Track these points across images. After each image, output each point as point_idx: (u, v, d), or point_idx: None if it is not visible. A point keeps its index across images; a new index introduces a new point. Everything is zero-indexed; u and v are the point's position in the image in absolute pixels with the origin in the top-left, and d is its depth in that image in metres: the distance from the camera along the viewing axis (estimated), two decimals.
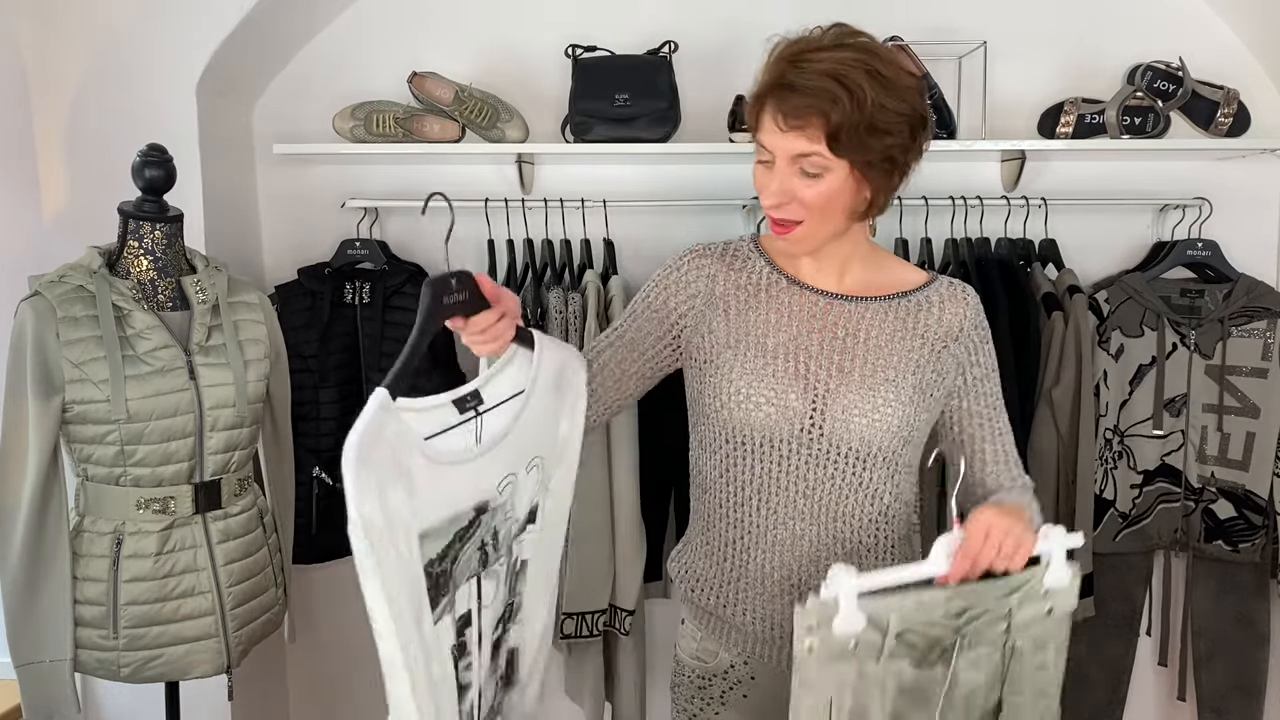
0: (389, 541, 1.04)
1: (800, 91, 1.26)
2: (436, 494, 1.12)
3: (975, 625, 1.18)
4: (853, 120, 1.24)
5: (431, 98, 2.28)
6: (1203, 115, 2.30)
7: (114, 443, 1.70)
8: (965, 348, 1.40)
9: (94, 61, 2.15)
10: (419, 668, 1.07)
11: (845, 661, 1.13)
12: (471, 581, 1.19)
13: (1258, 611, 2.32)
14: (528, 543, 1.32)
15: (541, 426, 1.30)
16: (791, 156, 1.28)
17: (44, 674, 1.72)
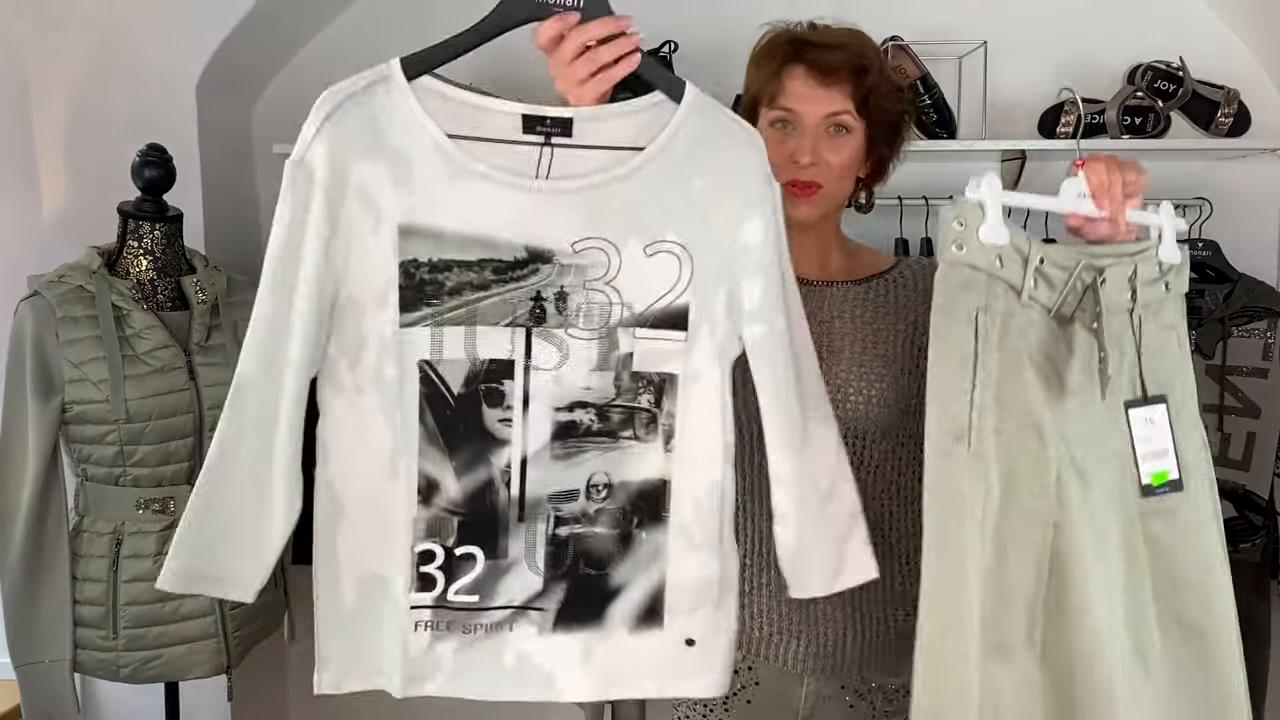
0: (328, 197, 1.02)
1: (834, 49, 1.31)
2: (458, 199, 1.03)
3: (1106, 284, 1.05)
4: (876, 80, 1.31)
5: None
6: (1203, 115, 2.29)
7: (113, 443, 1.70)
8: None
9: (94, 61, 2.15)
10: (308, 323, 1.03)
11: (994, 281, 1.02)
12: (513, 330, 1.07)
13: (1258, 612, 2.32)
14: (663, 349, 1.10)
15: (679, 204, 1.09)
16: (824, 115, 1.31)
17: (43, 674, 1.72)
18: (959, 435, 0.97)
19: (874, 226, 2.29)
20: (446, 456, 1.08)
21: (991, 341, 0.99)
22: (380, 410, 1.07)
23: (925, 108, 2.27)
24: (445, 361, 1.06)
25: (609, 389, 1.10)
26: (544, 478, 1.10)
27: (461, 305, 1.05)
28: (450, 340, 1.06)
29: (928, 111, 2.27)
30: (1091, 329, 1.04)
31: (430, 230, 1.03)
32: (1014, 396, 0.99)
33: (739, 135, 1.11)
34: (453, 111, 1.05)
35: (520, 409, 1.09)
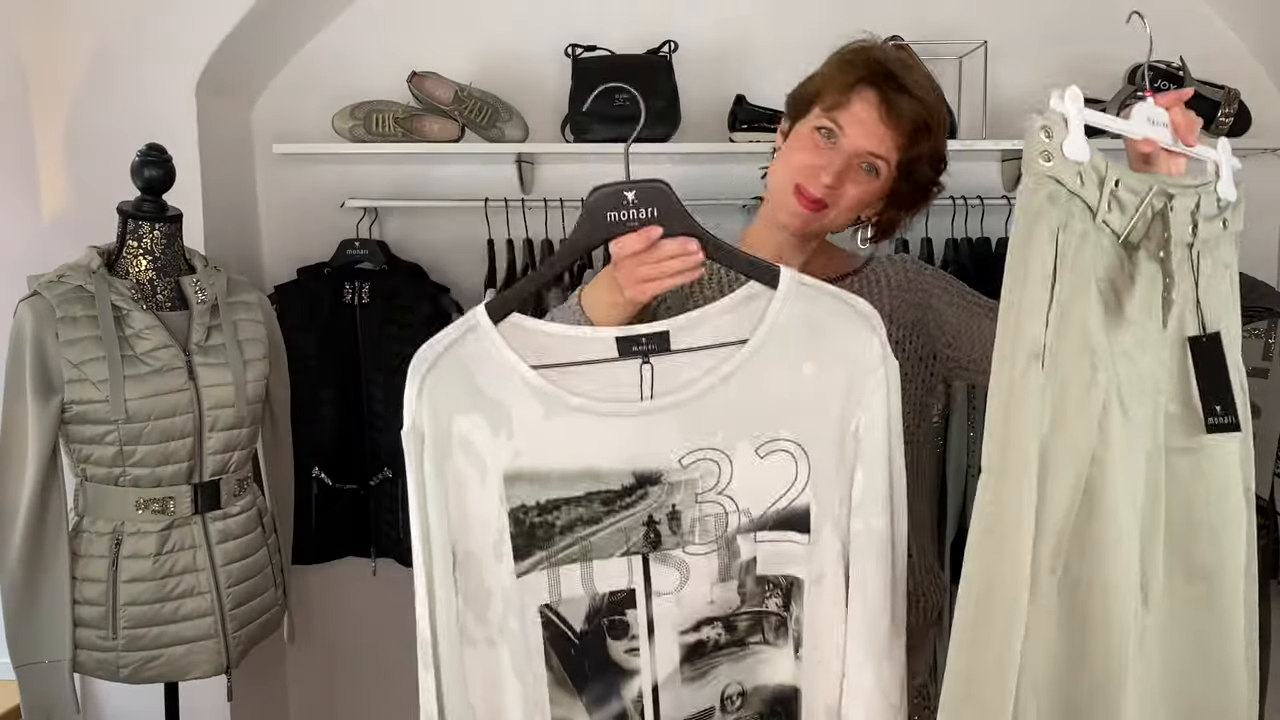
0: (435, 457, 0.99)
1: (912, 98, 1.29)
2: (558, 436, 1.00)
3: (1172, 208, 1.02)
4: (929, 146, 1.30)
5: (431, 97, 2.28)
6: (1203, 115, 2.29)
7: (113, 443, 1.70)
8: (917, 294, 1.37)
9: (94, 61, 2.15)
10: (449, 601, 1.02)
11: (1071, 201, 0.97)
12: (630, 559, 1.04)
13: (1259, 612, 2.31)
14: (787, 552, 1.05)
15: (789, 396, 1.02)
16: (867, 151, 1.29)
17: (43, 674, 1.71)
18: (1035, 353, 0.93)
19: None
20: (576, 697, 1.06)
21: (1067, 261, 0.95)
22: (510, 662, 1.04)
23: None
24: (565, 601, 1.04)
25: (733, 598, 1.06)
26: (678, 700, 1.07)
27: (574, 543, 1.02)
28: (567, 580, 1.03)
29: None
30: (1158, 257, 1.01)
31: (534, 473, 1.00)
32: (1077, 319, 0.95)
33: (845, 312, 1.04)
34: (541, 345, 1.01)
35: (645, 636, 1.05)
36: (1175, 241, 1.02)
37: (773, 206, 1.36)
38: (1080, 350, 0.95)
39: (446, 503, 1.01)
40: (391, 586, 2.56)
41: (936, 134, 1.32)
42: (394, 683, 2.62)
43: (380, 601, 2.57)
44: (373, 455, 2.37)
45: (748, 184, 2.31)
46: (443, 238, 2.47)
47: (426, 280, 2.38)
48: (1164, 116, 1.07)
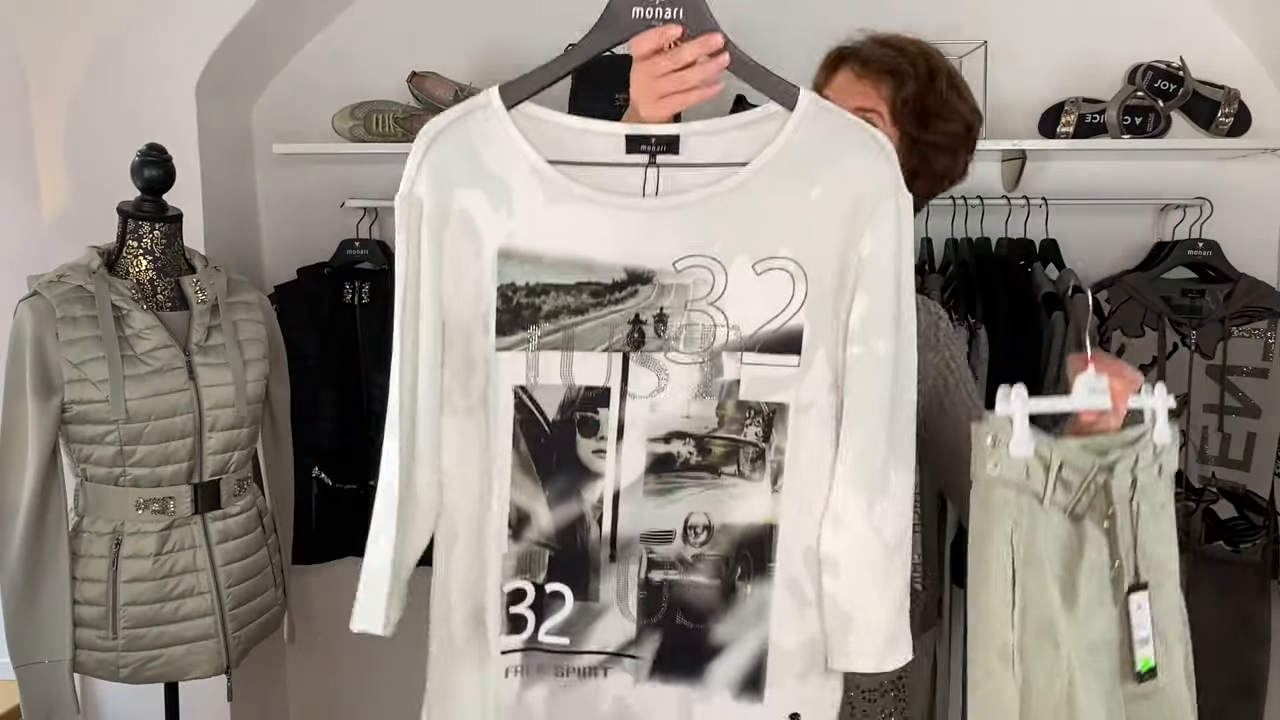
0: (433, 225, 1.00)
1: (885, 47, 1.31)
2: (556, 222, 0.99)
3: (1112, 476, 1.09)
4: (918, 91, 1.28)
5: (431, 97, 2.28)
6: (1203, 115, 2.29)
7: (113, 443, 1.70)
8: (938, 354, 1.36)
9: (94, 61, 2.15)
10: (434, 368, 1.02)
11: (1021, 494, 1.03)
12: (610, 354, 1.02)
13: (1258, 612, 2.31)
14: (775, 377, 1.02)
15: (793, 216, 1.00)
16: (853, 108, 1.24)
17: (43, 674, 1.71)
18: (1006, 656, 1.00)
19: None
20: (540, 487, 1.04)
21: (1021, 558, 1.01)
22: (483, 435, 1.04)
23: None
24: (541, 387, 1.02)
25: (710, 418, 1.02)
26: (637, 514, 1.04)
27: (558, 330, 1.01)
28: (546, 365, 1.02)
29: None
30: (1103, 528, 1.08)
31: (528, 254, 1.00)
32: (1039, 615, 1.02)
33: (861, 139, 1.01)
34: (553, 137, 1.00)
35: (614, 439, 1.03)
36: (1118, 504, 1.08)
37: None
38: (1044, 639, 1.02)
39: (441, 271, 1.01)
40: None
41: (919, 75, 1.28)
42: (394, 683, 2.62)
43: None
44: (373, 455, 2.36)
45: None
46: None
47: None
48: (1104, 383, 1.10)
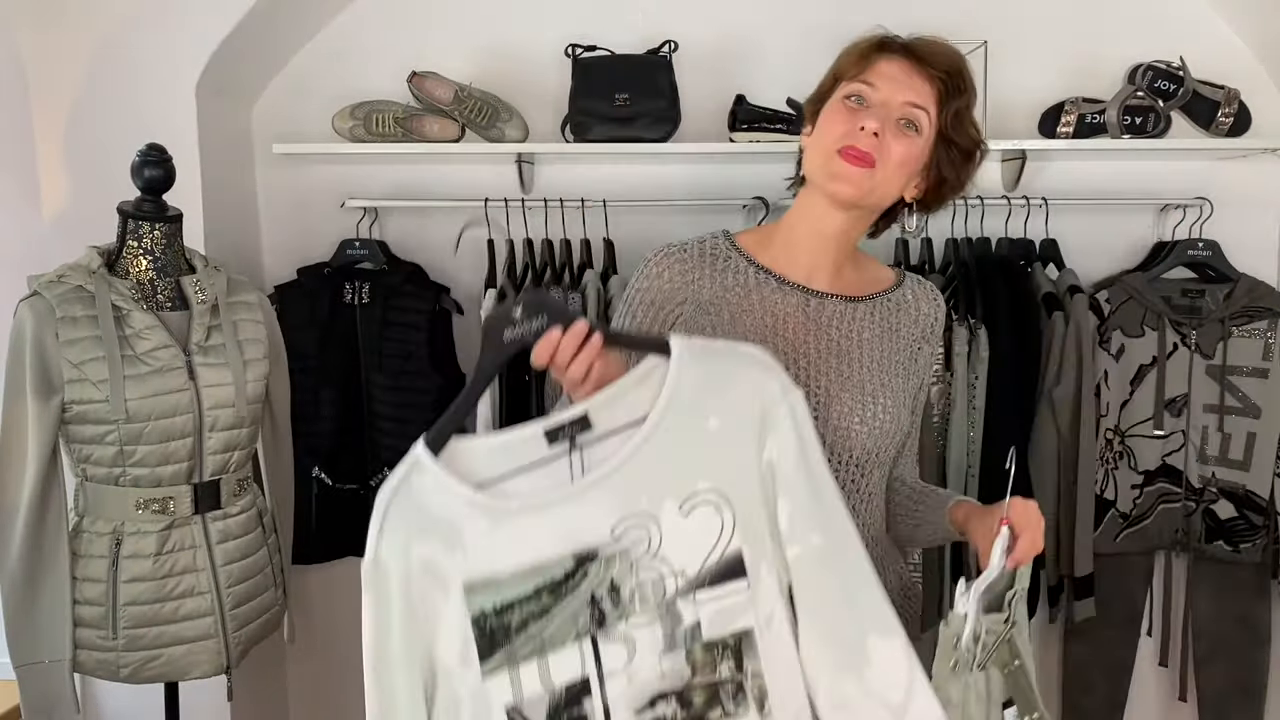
0: (402, 587, 1.02)
1: (936, 47, 1.31)
2: (503, 542, 1.03)
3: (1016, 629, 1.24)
4: (963, 96, 1.29)
5: (431, 97, 2.28)
6: (1203, 115, 2.29)
7: (113, 443, 1.70)
8: (932, 347, 1.42)
9: (94, 62, 2.15)
10: (410, 698, 1.04)
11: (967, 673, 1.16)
12: (580, 642, 1.04)
13: (1258, 612, 2.32)
14: (731, 606, 1.05)
15: (699, 450, 1.06)
16: (902, 101, 1.27)
17: (43, 674, 1.71)
18: None
19: None
20: None
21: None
22: None
23: None
24: (527, 703, 1.04)
25: (683, 669, 1.04)
26: None
27: (530, 639, 1.04)
28: (527, 678, 1.04)
29: None
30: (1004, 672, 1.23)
31: (488, 580, 1.03)
32: None
33: (739, 360, 1.08)
34: (481, 462, 1.04)
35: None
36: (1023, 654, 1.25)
37: (819, 186, 1.30)
38: None
39: (416, 624, 1.04)
40: None
41: (970, 86, 1.31)
42: None
43: None
44: (373, 455, 2.37)
45: (748, 184, 2.31)
46: (443, 238, 2.47)
47: (426, 280, 2.38)
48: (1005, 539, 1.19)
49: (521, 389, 2.24)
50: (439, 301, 2.33)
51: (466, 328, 2.45)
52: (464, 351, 2.43)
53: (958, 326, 2.15)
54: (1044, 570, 2.28)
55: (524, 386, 2.24)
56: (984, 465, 2.17)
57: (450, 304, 2.37)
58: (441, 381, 2.31)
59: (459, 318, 2.43)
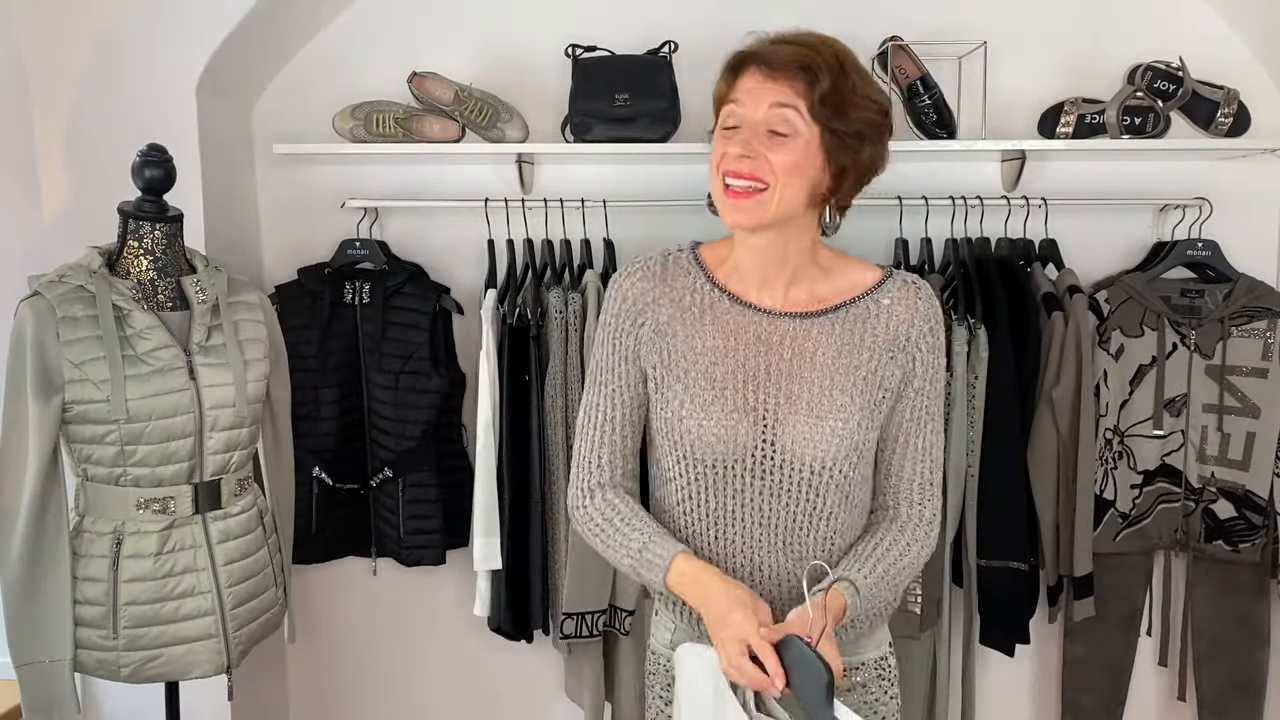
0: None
1: (791, 44, 1.29)
2: None
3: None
4: (834, 84, 1.27)
5: (431, 98, 2.28)
6: (1203, 115, 2.30)
7: (114, 443, 1.70)
8: (910, 356, 1.37)
9: (94, 61, 2.15)
10: None
11: None
12: None
13: (1258, 611, 2.32)
14: None
15: None
16: (770, 105, 1.27)
17: (44, 674, 1.71)
18: None
19: (874, 226, 2.30)
20: None
21: None
22: None
23: (925, 108, 2.27)
24: None
25: None
26: None
27: None
28: None
29: (927, 111, 2.27)
30: None
31: None
32: None
33: None
34: None
35: None
36: None
37: (723, 220, 1.34)
38: None
39: None
40: (391, 586, 2.56)
41: (831, 69, 1.27)
42: (394, 683, 2.62)
43: (380, 601, 2.57)
44: (373, 455, 2.37)
45: None
46: (443, 238, 2.47)
47: (427, 280, 2.39)
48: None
49: (522, 389, 2.24)
50: (439, 301, 2.34)
51: (466, 328, 2.45)
52: (464, 351, 2.43)
53: (957, 326, 2.16)
54: (1043, 570, 2.28)
55: (524, 386, 2.24)
56: (983, 465, 2.17)
57: (450, 304, 2.37)
58: (441, 381, 2.31)
59: (459, 318, 2.43)
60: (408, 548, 2.35)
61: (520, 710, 2.61)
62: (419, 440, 2.31)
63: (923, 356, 1.37)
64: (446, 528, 2.35)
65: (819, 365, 1.33)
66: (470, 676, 2.60)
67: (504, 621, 2.28)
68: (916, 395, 1.39)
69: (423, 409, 2.30)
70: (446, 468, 2.37)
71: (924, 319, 1.37)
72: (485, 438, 2.22)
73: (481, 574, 2.27)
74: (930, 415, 1.40)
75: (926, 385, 1.39)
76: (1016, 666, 2.49)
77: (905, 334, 1.36)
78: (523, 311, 2.25)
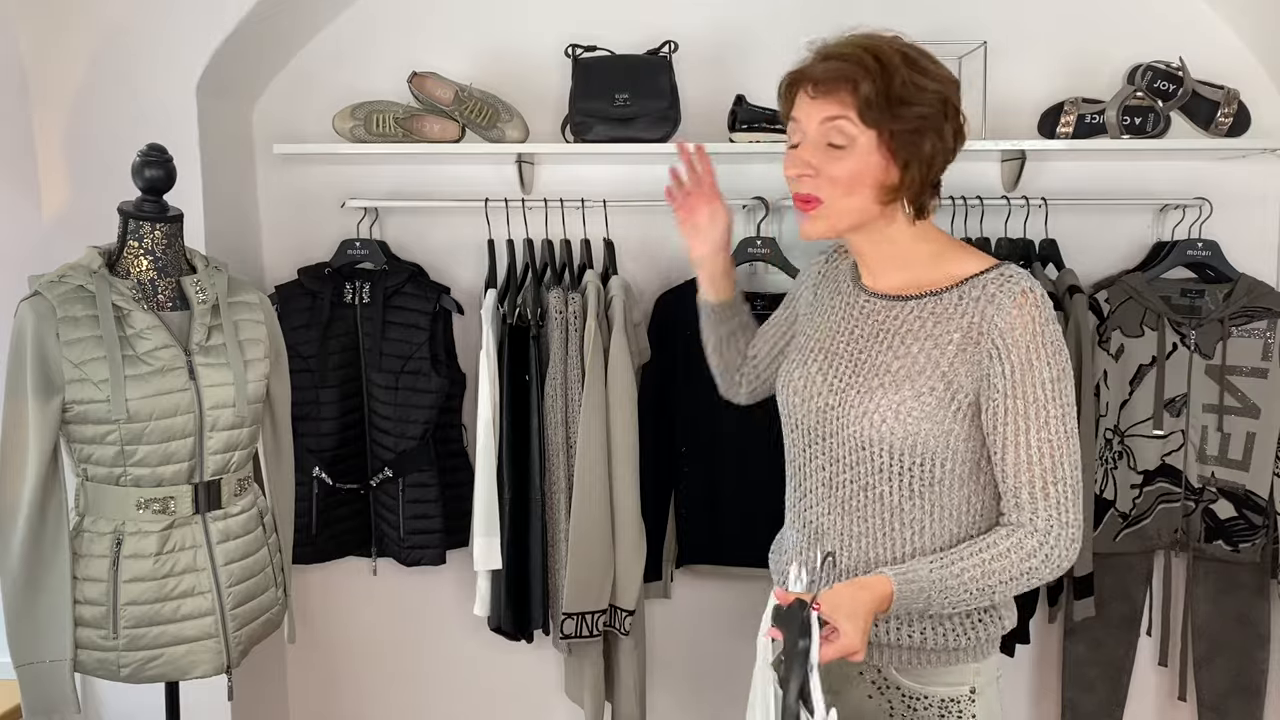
0: None
1: (832, 59, 1.33)
2: None
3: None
4: (881, 86, 1.30)
5: (431, 98, 2.28)
6: (1203, 115, 2.29)
7: (114, 443, 1.70)
8: (988, 353, 1.31)
9: (94, 61, 2.15)
10: None
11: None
12: None
13: (1258, 611, 2.32)
14: None
15: None
16: (821, 121, 1.33)
17: (44, 674, 1.71)
18: None
19: None
20: None
21: None
22: None
23: None
24: None
25: None
26: None
27: None
28: None
29: None
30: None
31: None
32: None
33: None
34: None
35: None
36: None
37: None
38: None
39: None
40: (391, 586, 2.56)
41: (874, 73, 1.30)
42: (394, 683, 2.62)
43: (380, 601, 2.57)
44: (373, 455, 2.37)
45: (748, 184, 2.32)
46: (443, 238, 2.47)
47: (427, 280, 2.39)
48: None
49: (522, 389, 2.24)
50: (439, 301, 2.34)
51: (466, 328, 2.45)
52: (464, 351, 2.43)
53: None
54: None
55: (524, 386, 2.24)
56: None
57: (451, 304, 2.37)
58: (441, 381, 2.31)
59: (459, 318, 2.43)
60: (408, 548, 2.35)
61: (520, 710, 2.61)
62: (419, 440, 2.31)
63: (1009, 353, 1.29)
64: (446, 528, 2.35)
65: (893, 347, 1.38)
66: (470, 676, 2.60)
67: (504, 621, 2.28)
68: (1009, 396, 1.30)
69: (423, 409, 2.30)
70: (446, 468, 2.37)
71: (1009, 315, 1.30)
72: (485, 438, 2.22)
73: (481, 574, 2.27)
74: (1031, 418, 1.29)
75: (1021, 384, 1.29)
76: (1016, 666, 2.49)
77: (985, 328, 1.31)
78: (523, 311, 2.25)
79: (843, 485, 1.40)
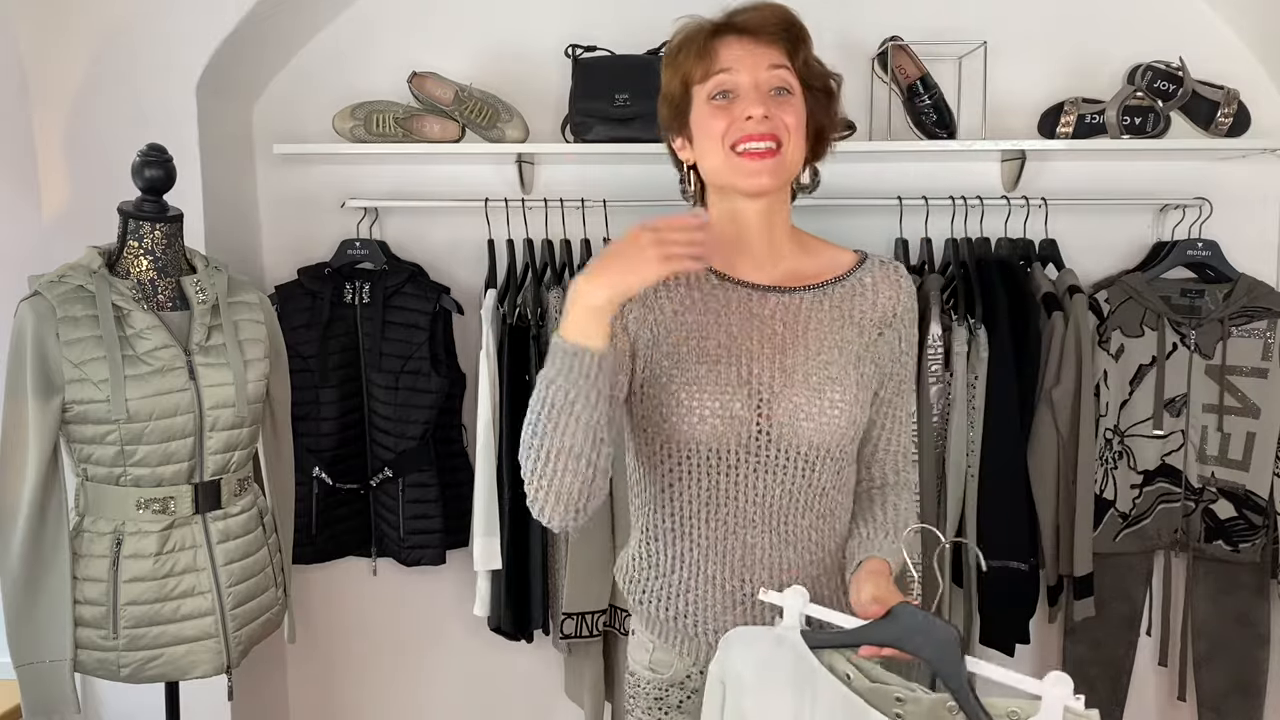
0: None
1: (763, 12, 1.28)
2: None
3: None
4: (806, 43, 1.29)
5: (431, 98, 2.28)
6: (1203, 115, 2.30)
7: (114, 443, 1.70)
8: (897, 333, 1.36)
9: (94, 61, 2.15)
10: None
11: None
12: None
13: (1258, 611, 2.32)
14: None
15: None
16: (769, 66, 1.26)
17: (44, 674, 1.71)
18: None
19: (874, 226, 2.30)
20: None
21: None
22: None
23: (925, 108, 2.27)
24: None
25: None
26: None
27: None
28: None
29: (927, 111, 2.27)
30: None
31: None
32: None
33: None
34: None
35: None
36: None
37: (732, 187, 1.29)
38: None
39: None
40: (391, 586, 2.56)
41: (805, 31, 1.30)
42: (394, 683, 2.62)
43: (380, 601, 2.57)
44: (373, 455, 2.37)
45: None
46: (443, 238, 2.47)
47: (427, 280, 2.39)
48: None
49: (522, 389, 2.24)
50: (439, 301, 2.34)
51: (466, 328, 2.45)
52: (464, 351, 2.43)
53: (957, 326, 2.16)
54: (1043, 570, 2.28)
55: (524, 386, 2.24)
56: (983, 465, 2.17)
57: (450, 304, 2.37)
58: (441, 381, 2.31)
59: (459, 318, 2.43)
60: (408, 548, 2.35)
61: (520, 710, 2.61)
62: (419, 440, 2.31)
63: (905, 332, 1.37)
64: (446, 528, 2.35)
65: (811, 340, 1.31)
66: (470, 676, 2.60)
67: (504, 621, 2.28)
68: (901, 368, 1.38)
69: (423, 409, 2.30)
70: (446, 468, 2.37)
71: (908, 295, 1.38)
72: (485, 438, 2.22)
73: (481, 574, 2.27)
74: (910, 386, 1.40)
75: (906, 359, 1.39)
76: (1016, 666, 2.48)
77: (892, 311, 1.35)
78: (523, 311, 2.25)
79: (772, 495, 1.30)
